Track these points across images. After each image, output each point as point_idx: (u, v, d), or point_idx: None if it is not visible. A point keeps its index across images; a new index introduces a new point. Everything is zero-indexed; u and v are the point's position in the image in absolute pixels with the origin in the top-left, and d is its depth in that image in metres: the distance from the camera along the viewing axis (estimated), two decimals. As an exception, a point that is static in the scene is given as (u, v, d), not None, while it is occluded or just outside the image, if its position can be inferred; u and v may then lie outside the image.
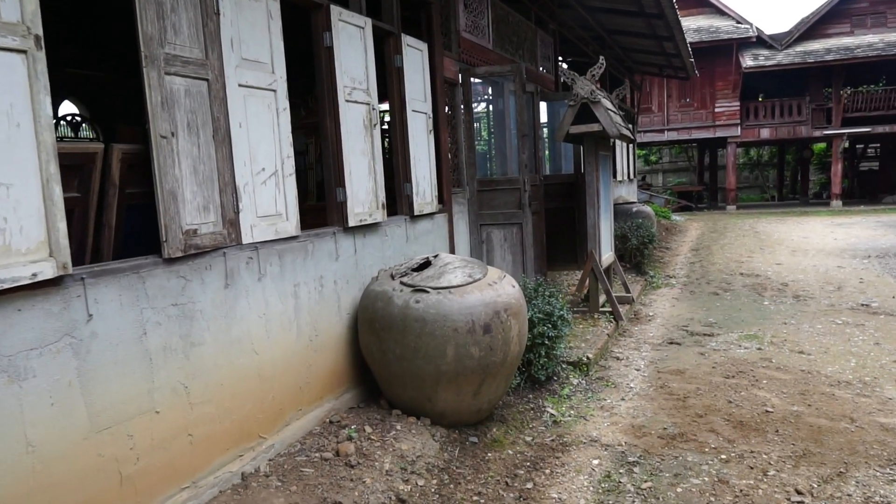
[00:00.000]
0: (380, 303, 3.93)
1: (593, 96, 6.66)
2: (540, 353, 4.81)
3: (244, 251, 3.37)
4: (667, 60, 16.38)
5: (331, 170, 4.22)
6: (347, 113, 4.25)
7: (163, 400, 2.86)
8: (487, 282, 3.97)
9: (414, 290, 3.86)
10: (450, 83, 6.13)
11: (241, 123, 3.36)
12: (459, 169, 6.26)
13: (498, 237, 6.33)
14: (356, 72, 4.37)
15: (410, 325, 3.77)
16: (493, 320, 3.83)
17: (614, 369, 5.75)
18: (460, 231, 6.20)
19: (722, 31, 23.05)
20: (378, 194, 4.57)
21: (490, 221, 6.35)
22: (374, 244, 4.62)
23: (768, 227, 17.39)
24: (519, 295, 4.10)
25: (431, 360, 3.77)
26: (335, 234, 4.16)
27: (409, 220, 5.15)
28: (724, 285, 9.50)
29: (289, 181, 3.70)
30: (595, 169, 6.99)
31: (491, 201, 6.34)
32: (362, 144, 4.41)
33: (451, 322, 3.74)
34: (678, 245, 14.55)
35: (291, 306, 3.73)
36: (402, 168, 5.13)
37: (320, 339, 3.99)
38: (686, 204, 24.83)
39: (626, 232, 10.08)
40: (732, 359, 5.87)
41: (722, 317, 7.59)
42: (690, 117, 23.94)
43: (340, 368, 4.20)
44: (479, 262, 4.24)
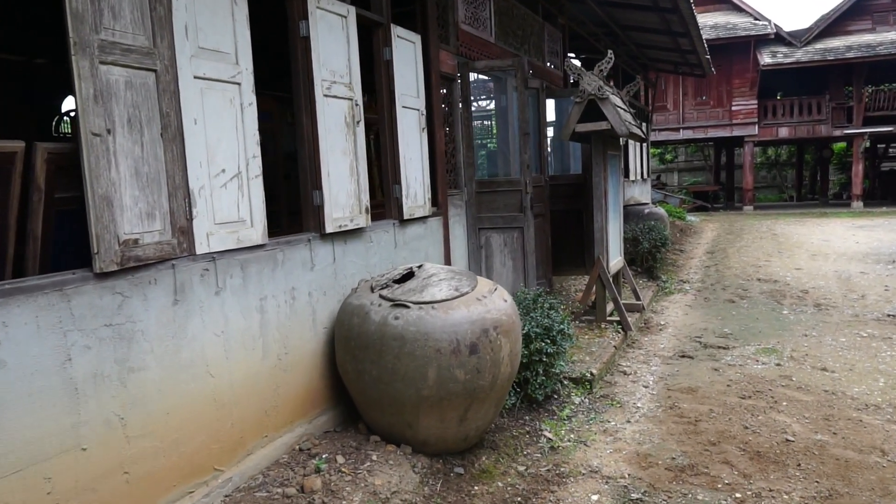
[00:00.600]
0: (356, 318, 3.56)
1: (601, 92, 6.24)
2: (537, 371, 4.41)
3: (198, 262, 3.01)
4: (682, 57, 15.87)
5: (306, 171, 3.85)
6: (326, 109, 3.88)
7: (91, 435, 2.51)
8: (476, 296, 3.58)
9: (393, 305, 3.48)
10: (447, 78, 5.74)
11: (196, 119, 2.99)
12: (457, 169, 5.87)
13: (497, 242, 5.94)
14: (337, 64, 3.99)
15: (388, 343, 3.40)
16: (481, 339, 3.44)
17: (620, 386, 5.34)
18: (457, 235, 5.81)
19: (739, 28, 22.45)
20: (361, 197, 4.20)
21: (489, 225, 5.95)
22: (356, 251, 4.25)
23: (787, 228, 16.82)
24: (511, 310, 3.71)
25: (411, 384, 3.39)
26: (310, 242, 3.79)
27: (398, 225, 4.78)
28: (740, 292, 9.04)
29: (254, 184, 3.34)
30: (603, 169, 6.57)
31: (490, 204, 5.95)
32: (343, 143, 4.04)
33: (432, 341, 3.36)
34: (692, 247, 14.06)
35: (256, 322, 3.36)
36: (390, 169, 4.76)
37: (291, 357, 3.63)
38: (702, 204, 24.25)
39: (637, 235, 9.64)
40: (749, 376, 5.43)
41: (738, 327, 7.14)
42: (707, 115, 23.36)
43: (315, 388, 3.83)
44: (467, 273, 3.86)
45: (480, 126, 9.99)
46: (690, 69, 17.78)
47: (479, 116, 9.96)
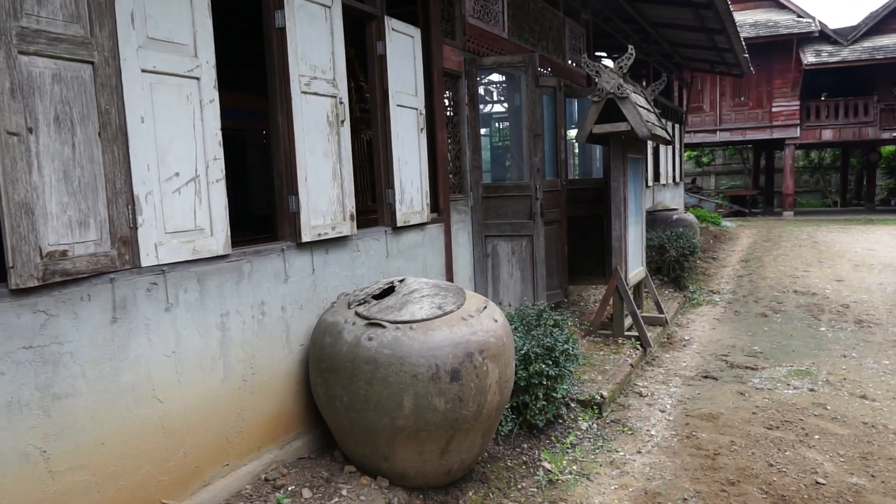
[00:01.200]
0: (328, 337, 3.23)
1: (620, 91, 5.81)
2: (537, 395, 4.03)
3: (144, 276, 2.71)
4: (719, 56, 15.22)
5: (281, 175, 3.54)
6: (304, 107, 3.56)
7: (4, 471, 2.22)
8: (461, 315, 3.22)
9: (368, 324, 3.14)
10: (451, 75, 5.39)
11: (144, 118, 2.70)
12: (462, 173, 5.51)
13: (505, 250, 5.56)
14: (318, 58, 3.67)
15: (360, 367, 3.06)
16: (464, 364, 3.08)
17: (634, 409, 4.91)
18: (461, 243, 5.45)
19: (781, 26, 21.56)
20: (346, 203, 3.87)
21: (496, 232, 5.58)
22: (340, 261, 3.92)
23: (829, 236, 16.00)
24: (502, 331, 3.34)
25: (385, 413, 3.05)
26: (284, 251, 3.48)
27: (390, 233, 4.44)
28: (774, 305, 8.46)
29: (216, 189, 3.04)
30: (622, 174, 6.13)
31: (498, 210, 5.58)
32: (325, 144, 3.72)
33: (409, 366, 3.01)
34: (726, 255, 13.42)
35: (216, 340, 3.06)
36: (383, 172, 4.42)
37: (260, 378, 3.32)
38: (738, 209, 23.38)
39: (663, 242, 9.14)
40: (778, 402, 4.94)
41: (769, 345, 6.61)
42: (745, 117, 22.49)
43: (289, 411, 3.52)
44: (455, 288, 3.49)
45: (500, 128, 9.60)
46: (728, 68, 17.08)
47: (500, 118, 9.57)
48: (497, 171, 6.75)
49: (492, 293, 5.63)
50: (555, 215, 6.85)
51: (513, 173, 6.40)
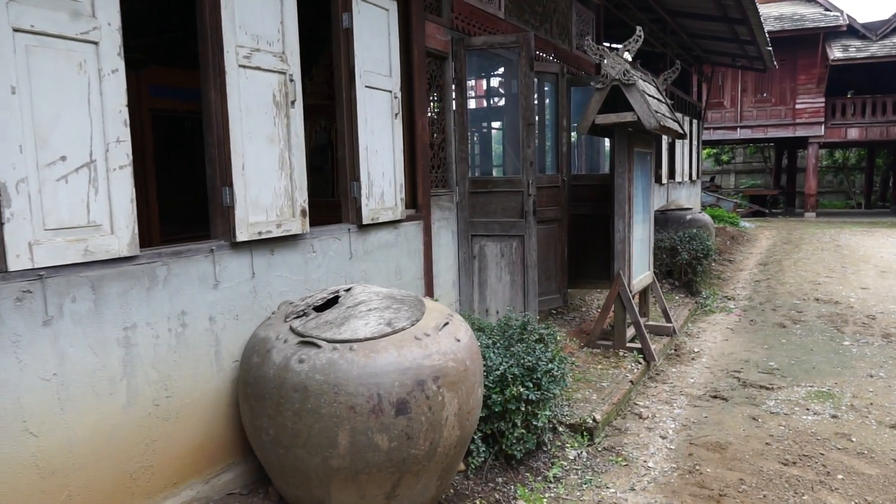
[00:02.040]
0: (256, 357, 2.71)
1: (626, 77, 5.23)
2: (514, 423, 3.48)
3: (11, 283, 2.21)
4: (741, 48, 14.48)
5: (214, 162, 3.02)
6: (243, 83, 3.04)
7: None
8: (414, 333, 2.68)
9: (301, 342, 2.62)
10: (437, 56, 4.84)
11: (15, 87, 2.20)
12: (447, 165, 4.97)
13: (493, 252, 5.01)
14: (263, 27, 3.15)
15: (287, 395, 2.54)
16: (414, 395, 2.55)
17: (632, 434, 4.35)
18: (443, 243, 4.91)
19: (807, 19, 20.69)
20: (296, 197, 3.35)
21: (484, 232, 5.03)
22: (289, 264, 3.41)
23: (853, 239, 15.24)
24: (465, 352, 2.80)
25: (317, 451, 2.53)
26: (213, 252, 2.97)
27: (355, 231, 3.91)
28: (793, 314, 7.83)
29: (118, 177, 2.52)
30: (627, 170, 5.55)
31: (486, 206, 5.03)
32: (270, 128, 3.19)
33: (344, 396, 2.49)
34: (743, 258, 12.74)
35: (117, 359, 2.56)
36: (348, 162, 3.90)
37: (177, 401, 2.81)
38: (758, 209, 22.58)
39: (675, 244, 8.53)
40: (795, 431, 4.36)
41: (787, 360, 6.01)
42: (767, 114, 21.66)
43: (217, 439, 3.01)
44: (413, 300, 2.96)
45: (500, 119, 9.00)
46: (750, 62, 16.33)
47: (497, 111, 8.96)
48: (490, 164, 6.18)
49: (478, 299, 5.09)
50: (554, 213, 6.28)
51: (508, 167, 5.84)
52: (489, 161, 5.24)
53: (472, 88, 5.21)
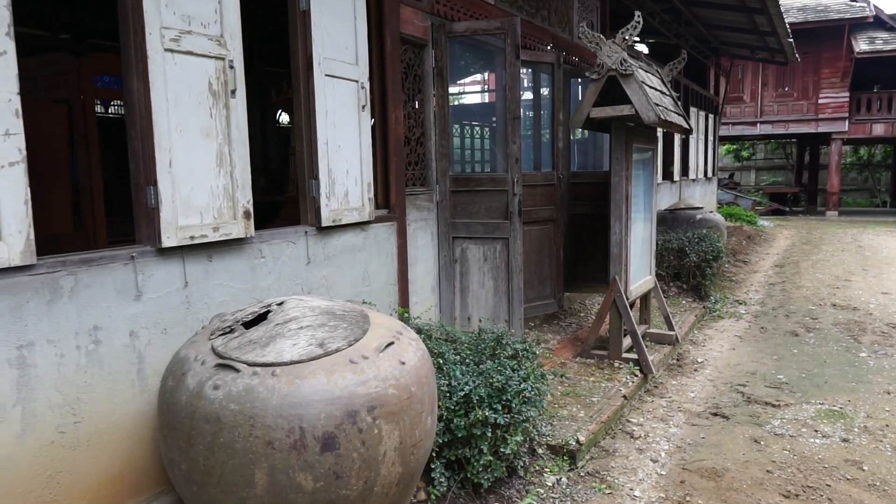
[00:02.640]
0: (171, 380, 2.39)
1: (623, 67, 4.84)
2: (480, 450, 3.14)
3: None
4: (760, 40, 13.91)
5: (137, 158, 2.70)
6: (170, 69, 2.71)
7: None
8: (350, 356, 2.35)
9: (218, 365, 2.29)
10: (414, 43, 4.48)
11: None
12: (426, 162, 4.62)
13: (475, 256, 4.66)
14: (194, 6, 2.82)
15: (199, 427, 2.22)
16: (344, 428, 2.21)
17: (620, 456, 3.98)
18: (421, 246, 4.57)
19: (831, 10, 19.96)
20: (237, 197, 3.02)
21: (466, 234, 4.68)
22: (231, 271, 3.08)
23: (875, 240, 14.63)
24: (412, 377, 2.45)
25: (232, 490, 2.21)
26: (135, 260, 2.65)
27: (314, 234, 3.58)
28: (808, 321, 7.38)
29: (6, 176, 2.21)
30: (625, 167, 5.16)
31: (468, 207, 4.67)
32: (204, 120, 2.87)
33: (262, 429, 2.16)
34: (759, 259, 12.24)
35: (9, 382, 2.25)
36: (306, 158, 3.57)
37: (88, 427, 2.50)
38: (778, 207, 21.93)
39: (683, 245, 8.10)
40: (801, 456, 3.96)
41: (797, 373, 5.58)
42: (788, 109, 20.98)
43: (140, 467, 2.70)
44: (357, 314, 2.62)
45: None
46: (770, 55, 15.73)
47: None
48: (476, 162, 5.79)
49: (459, 306, 4.74)
50: (549, 213, 5.91)
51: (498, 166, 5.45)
52: (475, 158, 4.88)
53: (456, 79, 4.84)
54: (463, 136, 4.69)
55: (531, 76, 6.02)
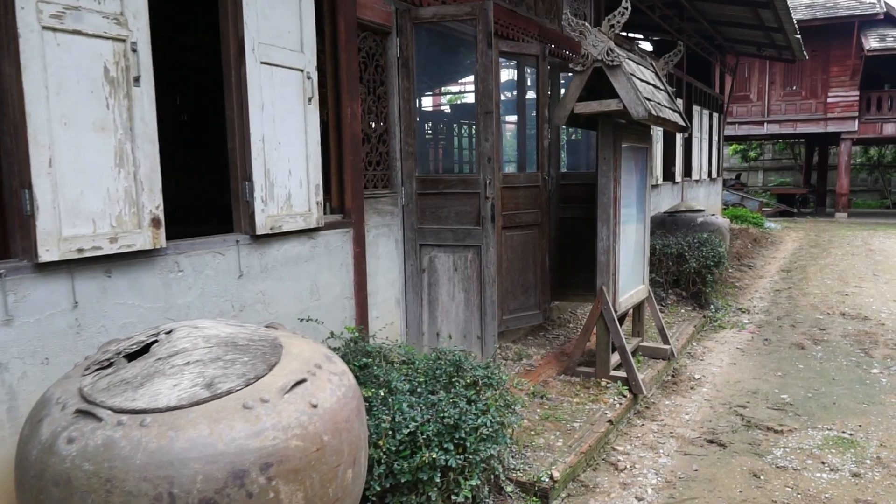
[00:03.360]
0: (27, 428, 1.96)
1: (610, 57, 4.39)
2: (428, 496, 2.69)
3: None
4: (767, 37, 13.40)
5: (10, 155, 2.27)
6: (51, 52, 2.28)
7: None
8: (245, 399, 1.91)
9: (77, 413, 1.86)
10: (376, 30, 4.04)
11: None
12: (389, 162, 4.18)
13: (445, 265, 4.22)
14: (86, -22, 2.39)
15: (47, 491, 1.79)
16: (227, 492, 1.77)
17: (602, 492, 3.53)
18: (383, 254, 4.13)
19: (841, 7, 19.40)
20: (143, 202, 2.59)
21: (434, 241, 4.23)
22: (138, 288, 2.65)
23: (886, 243, 14.10)
24: (326, 423, 2.01)
25: (87, 570, 1.77)
26: (4, 277, 2.22)
27: (247, 243, 3.15)
28: (815, 332, 6.89)
29: None
30: (613, 168, 4.70)
31: (437, 211, 4.23)
32: (99, 112, 2.44)
33: (120, 496, 1.72)
34: (765, 263, 11.74)
35: None
36: (238, 157, 3.13)
37: (-62, 481, 2.08)
38: (786, 209, 21.38)
39: (683, 250, 7.63)
40: (806, 494, 3.49)
41: (803, 392, 5.11)
42: (797, 108, 20.42)
43: (13, 524, 2.27)
44: (269, 345, 2.18)
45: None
46: (777, 52, 15.21)
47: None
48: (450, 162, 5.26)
49: (427, 321, 4.30)
50: (533, 217, 5.46)
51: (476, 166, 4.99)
52: (450, 159, 4.44)
53: (425, 71, 4.40)
54: (437, 135, 4.24)
55: (516, 70, 5.57)
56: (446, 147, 4.22)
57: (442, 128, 4.10)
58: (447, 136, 4.15)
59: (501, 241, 5.29)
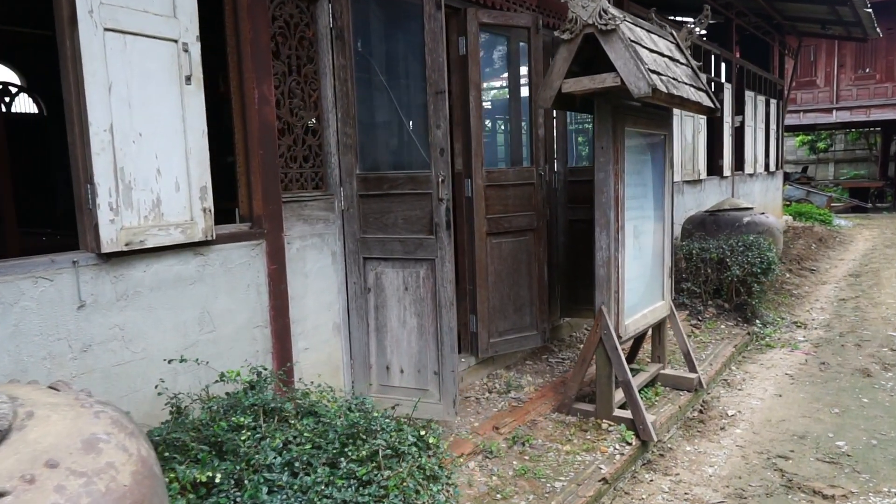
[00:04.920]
0: None
1: (603, 20, 3.50)
2: None
3: None
4: (832, 12, 11.95)
5: None
6: None
7: None
8: None
9: None
10: (300, -6, 3.27)
11: None
12: (323, 157, 3.40)
13: (393, 284, 3.41)
14: None
15: None
16: None
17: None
18: (314, 271, 3.35)
19: (921, -22, 17.45)
20: None
21: (380, 254, 3.43)
22: None
23: (977, 242, 12.42)
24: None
25: None
26: None
27: (93, 264, 2.43)
28: (885, 354, 5.74)
29: None
30: (613, 160, 3.79)
31: (383, 216, 3.43)
32: None
33: None
34: (830, 266, 10.41)
35: None
36: (78, 152, 2.42)
37: None
38: (858, 204, 19.52)
39: (724, 255, 6.57)
40: None
41: (865, 437, 4.06)
42: (870, 93, 18.56)
43: None
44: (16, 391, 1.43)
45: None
46: (845, 30, 13.64)
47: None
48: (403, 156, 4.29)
49: (375, 351, 3.51)
50: (526, 221, 4.60)
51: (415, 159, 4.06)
52: (404, 152, 3.61)
53: (371, 47, 3.60)
54: (389, 123, 3.46)
55: (505, 47, 4.72)
56: (402, 138, 3.43)
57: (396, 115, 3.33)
58: (400, 125, 3.37)
59: (487, 249, 4.45)
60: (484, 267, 4.44)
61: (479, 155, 4.36)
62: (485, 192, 4.41)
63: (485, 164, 4.39)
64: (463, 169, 4.42)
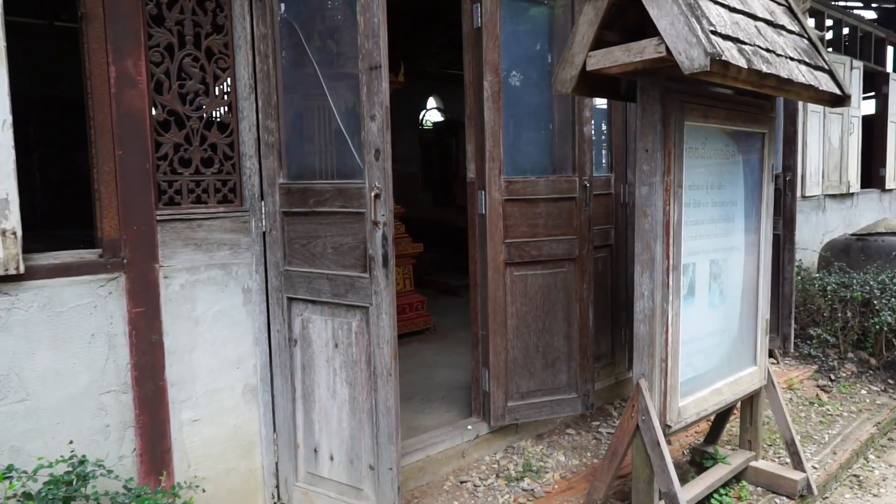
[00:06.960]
0: None
1: (641, -43, 2.30)
2: None
3: None
4: None
5: None
6: None
7: None
8: None
9: None
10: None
11: None
12: (234, 160, 2.52)
13: (321, 336, 2.45)
14: None
15: None
16: None
17: None
18: (212, 315, 2.47)
19: None
20: None
21: (306, 294, 2.48)
22: None
23: None
24: None
25: None
26: None
27: None
28: None
29: None
30: (663, 168, 2.57)
31: (309, 243, 2.48)
32: None
33: None
34: None
35: None
36: None
37: None
38: None
39: (871, 294, 4.92)
40: None
41: None
42: None
43: None
44: None
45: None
46: None
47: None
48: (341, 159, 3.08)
49: (303, 426, 2.56)
50: (563, 248, 3.46)
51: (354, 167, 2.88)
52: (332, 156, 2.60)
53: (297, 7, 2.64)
54: (329, 116, 2.53)
55: (541, 17, 3.59)
56: (332, 135, 2.47)
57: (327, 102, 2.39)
58: (329, 117, 2.43)
59: (505, 284, 3.36)
60: (500, 307, 3.35)
61: (497, 159, 3.28)
62: (503, 209, 3.32)
63: (504, 172, 3.31)
64: (476, 177, 3.37)
